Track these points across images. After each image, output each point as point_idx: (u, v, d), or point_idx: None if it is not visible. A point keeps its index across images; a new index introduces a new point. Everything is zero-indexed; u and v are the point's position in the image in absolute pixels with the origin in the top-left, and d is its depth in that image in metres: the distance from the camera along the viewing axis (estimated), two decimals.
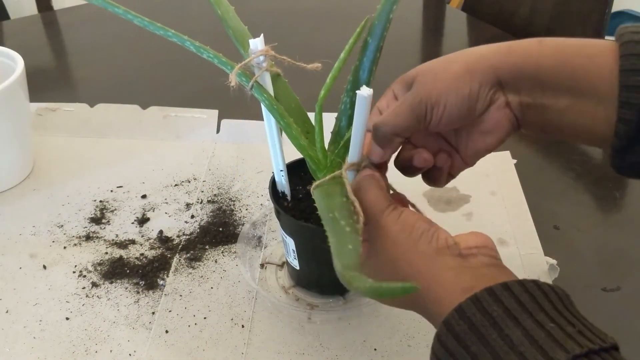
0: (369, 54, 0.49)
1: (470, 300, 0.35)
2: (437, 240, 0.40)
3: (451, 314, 0.35)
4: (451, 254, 0.39)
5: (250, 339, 0.56)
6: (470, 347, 0.34)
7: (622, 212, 0.72)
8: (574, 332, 0.33)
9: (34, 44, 1.12)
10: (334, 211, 0.43)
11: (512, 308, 0.34)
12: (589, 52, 0.40)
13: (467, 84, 0.42)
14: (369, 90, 0.41)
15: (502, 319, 0.33)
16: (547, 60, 0.41)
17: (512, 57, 0.42)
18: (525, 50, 0.42)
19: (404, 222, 0.41)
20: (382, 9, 0.48)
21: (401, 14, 1.20)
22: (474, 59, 0.43)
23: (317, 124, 0.50)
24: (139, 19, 0.50)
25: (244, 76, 0.50)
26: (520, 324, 0.33)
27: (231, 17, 0.54)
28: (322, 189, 0.47)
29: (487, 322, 0.34)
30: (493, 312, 0.34)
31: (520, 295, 0.34)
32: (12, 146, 0.73)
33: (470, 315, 0.34)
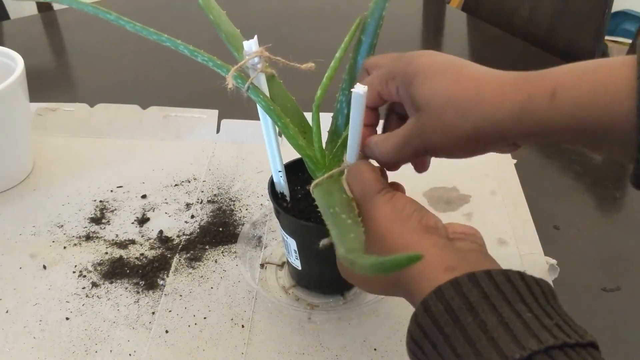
0: (363, 52, 0.49)
1: (450, 283, 0.35)
2: (428, 220, 0.41)
3: (430, 295, 0.35)
4: (439, 235, 0.40)
5: (250, 339, 0.56)
6: (444, 328, 0.34)
7: (622, 212, 0.72)
8: (551, 324, 0.32)
9: (34, 44, 1.12)
10: (334, 206, 0.43)
11: (490, 294, 0.34)
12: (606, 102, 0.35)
13: (473, 145, 0.41)
14: (364, 87, 0.41)
15: (480, 303, 0.33)
16: (560, 123, 0.37)
17: (521, 123, 0.38)
18: (536, 113, 0.38)
19: (396, 202, 0.42)
20: (375, 7, 0.48)
21: (401, 14, 1.20)
22: (482, 124, 0.39)
23: (315, 124, 0.50)
24: (131, 24, 0.50)
25: (239, 78, 0.50)
26: (496, 310, 0.33)
27: (223, 21, 0.54)
28: (322, 188, 0.48)
29: (463, 305, 0.34)
30: (471, 297, 0.34)
31: (501, 283, 0.34)
32: (12, 146, 0.73)
33: (448, 297, 0.34)
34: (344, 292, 0.60)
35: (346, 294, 0.60)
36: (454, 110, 0.40)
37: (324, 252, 0.54)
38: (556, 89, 0.37)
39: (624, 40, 1.99)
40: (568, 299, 0.58)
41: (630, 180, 0.38)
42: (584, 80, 0.36)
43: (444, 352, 0.34)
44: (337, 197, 0.45)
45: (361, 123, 0.44)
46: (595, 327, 0.57)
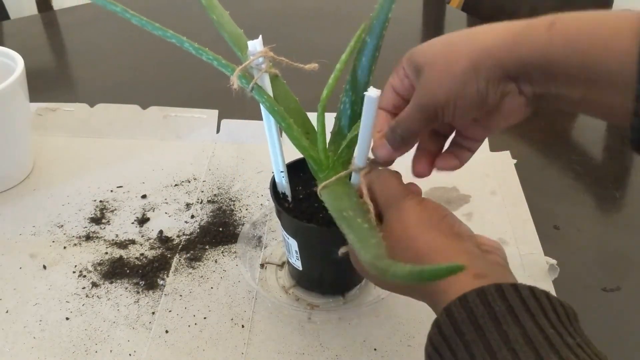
0: (367, 53, 0.49)
1: (475, 291, 0.35)
2: (460, 227, 0.41)
3: (454, 301, 0.35)
4: (471, 242, 0.40)
5: (250, 339, 0.56)
6: (465, 335, 0.34)
7: (622, 212, 0.72)
8: (573, 343, 0.32)
9: (34, 44, 1.12)
10: (347, 210, 0.43)
11: (515, 307, 0.34)
12: (605, 37, 0.35)
13: (474, 82, 0.40)
14: (377, 91, 0.41)
15: (503, 315, 0.33)
16: (557, 53, 0.37)
17: (518, 51, 0.38)
18: (532, 41, 0.38)
19: (425, 206, 0.42)
20: (381, 9, 0.48)
21: (401, 14, 1.20)
22: (477, 54, 0.39)
23: (320, 125, 0.50)
24: (136, 17, 0.50)
25: (243, 78, 0.50)
26: (520, 322, 0.33)
27: (226, 21, 0.54)
28: (330, 190, 0.48)
29: (487, 315, 0.34)
30: (495, 307, 0.34)
31: (527, 298, 0.34)
32: (12, 146, 0.73)
33: (472, 305, 0.34)
34: (344, 293, 0.60)
35: (346, 294, 0.60)
36: (449, 52, 0.41)
37: (325, 253, 0.54)
38: (555, 21, 0.37)
39: None
40: (568, 299, 0.59)
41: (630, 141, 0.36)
42: (583, 16, 0.36)
43: (462, 358, 0.33)
44: (348, 200, 0.45)
45: (372, 126, 0.44)
46: (595, 327, 0.57)
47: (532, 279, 0.61)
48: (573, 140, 0.85)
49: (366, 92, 0.41)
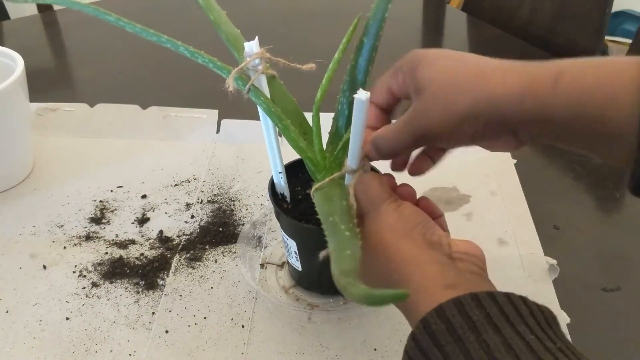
0: (364, 53, 0.49)
1: (452, 302, 0.34)
2: (432, 235, 0.40)
3: (430, 313, 0.35)
4: (442, 252, 0.40)
5: (250, 339, 0.56)
6: (444, 347, 0.33)
7: (622, 212, 0.72)
8: (554, 348, 0.32)
9: (34, 44, 1.12)
10: (334, 215, 0.43)
11: (493, 315, 0.33)
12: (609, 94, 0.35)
13: (472, 127, 0.39)
14: (366, 93, 0.41)
15: (482, 324, 0.33)
16: (561, 112, 0.36)
17: (522, 108, 0.37)
18: (538, 97, 0.37)
19: (402, 212, 0.42)
20: (377, 8, 0.48)
21: (401, 14, 1.20)
22: (482, 101, 0.38)
23: (315, 126, 0.50)
24: (131, 25, 0.50)
25: (240, 79, 0.50)
26: (499, 331, 0.33)
27: (223, 21, 0.54)
28: (322, 192, 0.48)
29: (466, 325, 0.33)
30: (474, 316, 0.33)
31: (504, 305, 0.34)
32: (12, 146, 0.73)
33: (449, 316, 0.34)
34: None
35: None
36: (454, 88, 0.40)
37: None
38: (559, 76, 0.36)
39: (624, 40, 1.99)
40: (568, 299, 0.59)
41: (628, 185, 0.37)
42: (588, 71, 0.36)
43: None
44: (338, 204, 0.45)
45: (363, 128, 0.44)
46: (595, 327, 0.57)
47: (532, 279, 0.61)
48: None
49: (355, 94, 0.41)
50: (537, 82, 0.37)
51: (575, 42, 1.09)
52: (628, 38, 1.98)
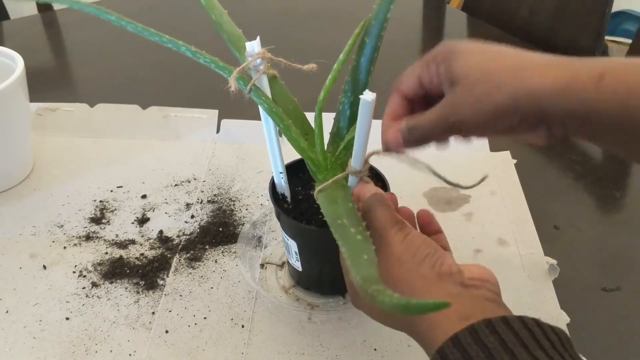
0: (366, 54, 0.49)
1: (467, 330, 0.34)
2: (441, 266, 0.40)
3: (446, 342, 0.35)
4: (453, 281, 0.39)
5: (250, 339, 0.56)
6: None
7: (622, 212, 0.72)
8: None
9: (34, 44, 1.12)
10: (342, 218, 0.43)
11: (508, 341, 0.33)
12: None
13: (507, 120, 0.39)
14: (372, 94, 0.41)
15: (498, 351, 0.33)
16: (605, 109, 0.36)
17: (563, 103, 0.37)
18: (582, 93, 0.36)
19: (410, 243, 0.41)
20: (379, 9, 0.48)
21: (401, 14, 1.20)
22: (521, 94, 0.38)
23: (317, 127, 0.49)
24: (132, 25, 0.50)
25: (241, 79, 0.50)
26: (515, 356, 0.32)
27: (225, 21, 0.54)
28: (326, 193, 0.47)
29: (482, 353, 0.33)
30: (489, 344, 0.33)
31: (519, 330, 0.34)
32: (12, 146, 0.73)
33: (465, 345, 0.34)
34: (344, 293, 0.60)
35: (346, 294, 0.60)
36: (490, 81, 0.39)
37: (325, 254, 0.54)
38: (604, 73, 0.36)
39: (624, 40, 1.99)
40: (568, 299, 0.59)
41: None
42: (632, 70, 0.35)
43: None
44: (343, 206, 0.44)
45: (368, 129, 0.43)
46: (595, 327, 0.57)
47: (532, 279, 0.61)
48: (573, 141, 0.85)
49: (362, 95, 0.41)
50: (581, 78, 0.36)
51: (575, 42, 1.09)
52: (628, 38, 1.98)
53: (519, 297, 0.59)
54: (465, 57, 0.40)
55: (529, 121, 0.38)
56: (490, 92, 0.38)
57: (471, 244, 0.65)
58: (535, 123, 0.38)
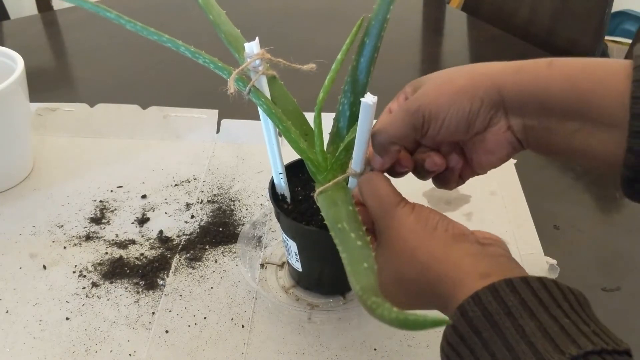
0: (366, 54, 0.49)
1: (487, 288, 0.35)
2: (454, 228, 0.41)
3: (467, 300, 0.35)
4: (469, 241, 0.40)
5: (250, 339, 0.56)
6: (482, 333, 0.34)
7: (622, 212, 0.72)
8: (588, 331, 0.32)
9: (34, 44, 1.12)
10: (342, 221, 0.42)
11: (528, 300, 0.34)
12: (600, 75, 0.38)
13: (468, 101, 0.41)
14: (373, 97, 0.41)
15: (517, 309, 0.33)
16: (555, 83, 0.39)
17: (519, 78, 0.40)
18: (534, 72, 0.40)
19: (419, 213, 0.42)
20: (379, 9, 0.48)
21: (401, 14, 1.20)
22: (479, 74, 0.42)
23: (317, 127, 0.49)
24: (131, 23, 0.50)
25: (240, 80, 0.50)
26: (534, 315, 0.33)
27: (223, 21, 0.54)
28: (327, 195, 0.47)
29: (501, 310, 0.34)
30: (509, 302, 0.34)
31: (538, 290, 0.34)
32: (12, 146, 0.73)
33: (485, 302, 0.34)
34: (344, 293, 0.60)
35: (346, 294, 0.60)
36: (452, 72, 0.43)
37: (325, 254, 0.54)
38: (553, 60, 0.40)
39: (624, 40, 1.99)
40: None
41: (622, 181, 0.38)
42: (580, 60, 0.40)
43: (482, 356, 0.34)
44: (344, 209, 0.44)
45: (369, 133, 0.44)
46: None
47: None
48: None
49: (362, 98, 0.41)
50: (532, 62, 0.40)
51: (575, 42, 1.09)
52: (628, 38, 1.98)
53: None
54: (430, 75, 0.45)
55: (488, 104, 0.41)
56: (452, 78, 0.42)
57: None
58: (495, 107, 0.41)
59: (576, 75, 0.39)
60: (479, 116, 0.42)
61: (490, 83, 0.41)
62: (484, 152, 0.44)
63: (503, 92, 0.40)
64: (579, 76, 0.38)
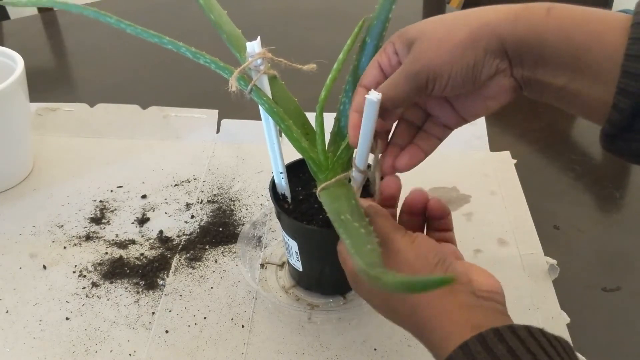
0: (367, 53, 0.49)
1: (475, 338, 0.35)
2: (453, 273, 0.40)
3: (455, 350, 0.35)
4: (465, 291, 0.39)
5: (250, 339, 0.56)
6: None
7: (622, 212, 0.72)
8: None
9: (34, 44, 1.12)
10: (345, 213, 0.43)
11: (516, 348, 0.33)
12: (597, 29, 0.37)
13: (472, 54, 0.40)
14: (377, 94, 0.41)
15: (506, 358, 0.33)
16: (552, 35, 0.38)
17: (517, 29, 0.39)
18: (532, 21, 0.39)
19: (418, 249, 0.41)
20: (381, 9, 0.48)
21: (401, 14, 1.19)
22: (478, 25, 0.40)
23: (318, 127, 0.49)
24: (132, 27, 0.50)
25: (241, 80, 0.50)
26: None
27: (224, 21, 0.54)
28: (329, 192, 0.48)
29: None
30: (497, 351, 0.34)
31: (525, 338, 0.34)
32: (12, 146, 0.73)
33: (474, 352, 0.34)
34: (344, 293, 0.60)
35: (346, 294, 0.60)
36: (447, 24, 0.41)
37: (326, 254, 0.54)
38: (552, 7, 0.39)
39: None
40: (568, 299, 0.59)
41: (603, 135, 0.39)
42: (579, 9, 0.39)
43: None
44: (346, 203, 0.44)
45: (373, 129, 0.43)
46: (595, 327, 0.57)
47: (532, 279, 0.61)
48: (573, 140, 0.85)
49: (367, 95, 0.41)
50: (530, 9, 0.39)
51: None
52: None
53: (519, 297, 0.59)
54: (417, 24, 0.43)
55: (491, 54, 0.40)
56: (450, 32, 0.41)
57: (471, 244, 0.65)
58: (498, 55, 0.40)
59: (572, 27, 0.38)
60: (484, 66, 0.41)
61: (490, 34, 0.40)
62: (484, 98, 0.43)
63: (504, 41, 0.40)
64: (575, 29, 0.38)
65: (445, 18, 0.42)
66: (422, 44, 0.42)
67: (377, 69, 0.45)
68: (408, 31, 0.43)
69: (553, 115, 0.87)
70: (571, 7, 0.39)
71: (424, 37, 0.42)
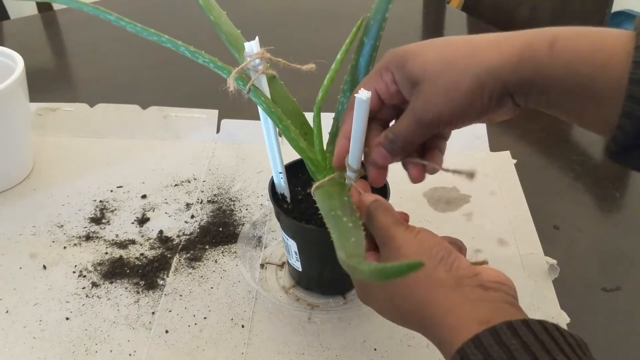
0: (365, 53, 0.49)
1: (488, 331, 0.34)
2: (457, 269, 0.39)
3: (467, 343, 0.34)
4: (471, 285, 0.38)
5: (250, 339, 0.56)
6: None
7: (622, 212, 0.72)
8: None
9: (34, 44, 1.12)
10: (336, 209, 0.43)
11: (530, 344, 0.33)
12: (603, 59, 0.38)
13: (479, 100, 0.41)
14: (367, 93, 0.41)
15: (520, 353, 0.33)
16: (557, 72, 0.39)
17: (521, 72, 0.40)
18: (536, 61, 0.40)
19: (421, 243, 0.41)
20: (378, 8, 0.48)
21: (401, 14, 1.20)
22: (484, 72, 0.41)
23: (316, 127, 0.50)
24: (131, 25, 0.50)
25: (240, 80, 0.50)
26: (537, 359, 0.32)
27: (224, 21, 0.54)
28: (323, 190, 0.48)
29: (504, 354, 0.33)
30: (511, 346, 0.33)
31: (539, 333, 0.34)
32: (12, 146, 0.73)
33: (487, 345, 0.34)
34: (344, 293, 0.60)
35: (346, 294, 0.60)
36: (452, 70, 0.41)
37: (325, 253, 0.54)
38: (555, 40, 0.39)
39: None
40: (568, 299, 0.59)
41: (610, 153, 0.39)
42: (582, 37, 0.39)
43: None
44: (338, 200, 0.45)
45: (364, 128, 0.44)
46: (595, 327, 0.57)
47: (532, 279, 0.61)
48: (573, 140, 0.85)
49: (356, 94, 0.41)
50: (533, 46, 0.40)
51: None
52: None
53: (519, 297, 0.59)
54: (417, 56, 0.43)
55: (496, 96, 0.41)
56: (455, 81, 0.41)
57: (471, 244, 0.65)
58: (502, 96, 0.41)
59: (578, 62, 0.38)
60: (489, 108, 0.42)
61: (495, 80, 0.41)
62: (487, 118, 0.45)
63: (508, 85, 0.41)
64: (580, 63, 0.38)
65: (448, 58, 0.42)
66: (427, 90, 0.42)
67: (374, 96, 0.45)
68: (409, 66, 0.43)
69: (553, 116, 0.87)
70: (575, 36, 0.39)
71: (429, 81, 0.42)
